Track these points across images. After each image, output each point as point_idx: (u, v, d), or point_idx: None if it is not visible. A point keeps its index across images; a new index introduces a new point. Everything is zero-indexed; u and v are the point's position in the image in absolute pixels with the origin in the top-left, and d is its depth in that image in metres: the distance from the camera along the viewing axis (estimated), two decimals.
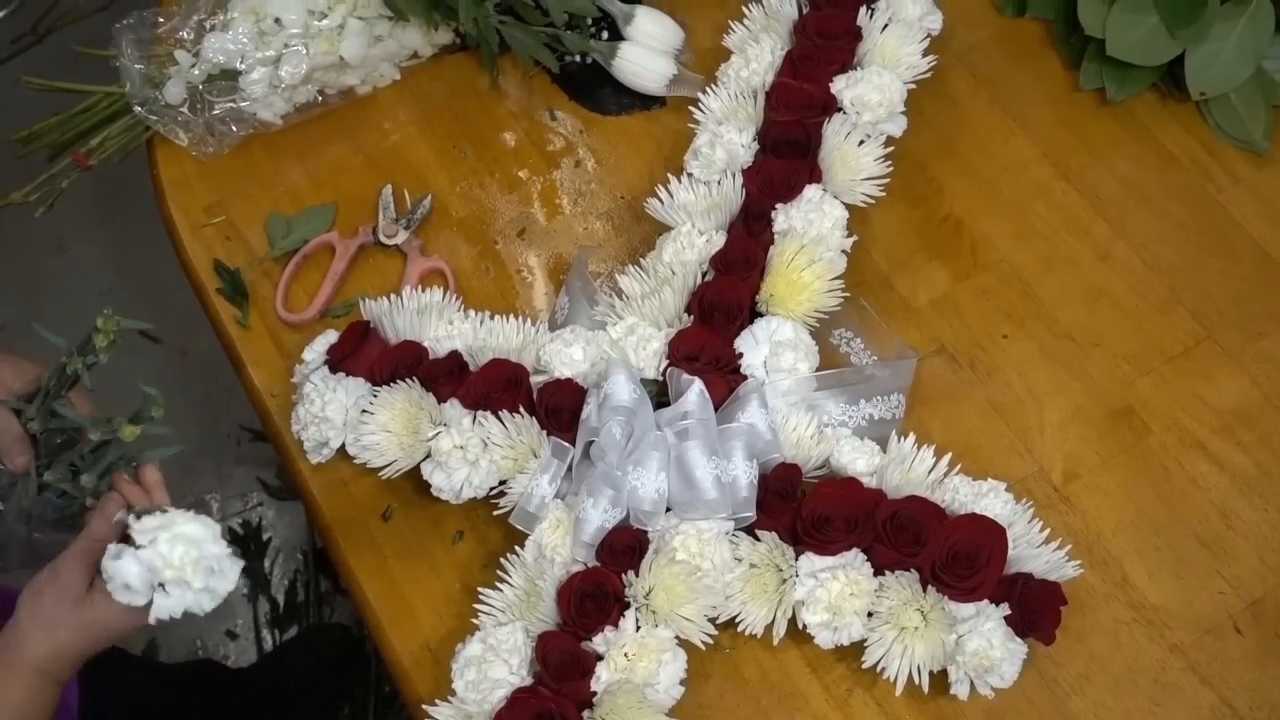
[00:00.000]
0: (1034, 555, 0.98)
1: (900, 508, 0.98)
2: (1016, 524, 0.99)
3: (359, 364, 1.09)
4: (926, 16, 1.24)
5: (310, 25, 1.22)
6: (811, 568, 0.97)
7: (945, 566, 0.95)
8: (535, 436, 1.03)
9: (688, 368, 1.04)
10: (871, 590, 0.96)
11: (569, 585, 0.96)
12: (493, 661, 0.94)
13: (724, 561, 0.98)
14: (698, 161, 1.18)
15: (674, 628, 0.96)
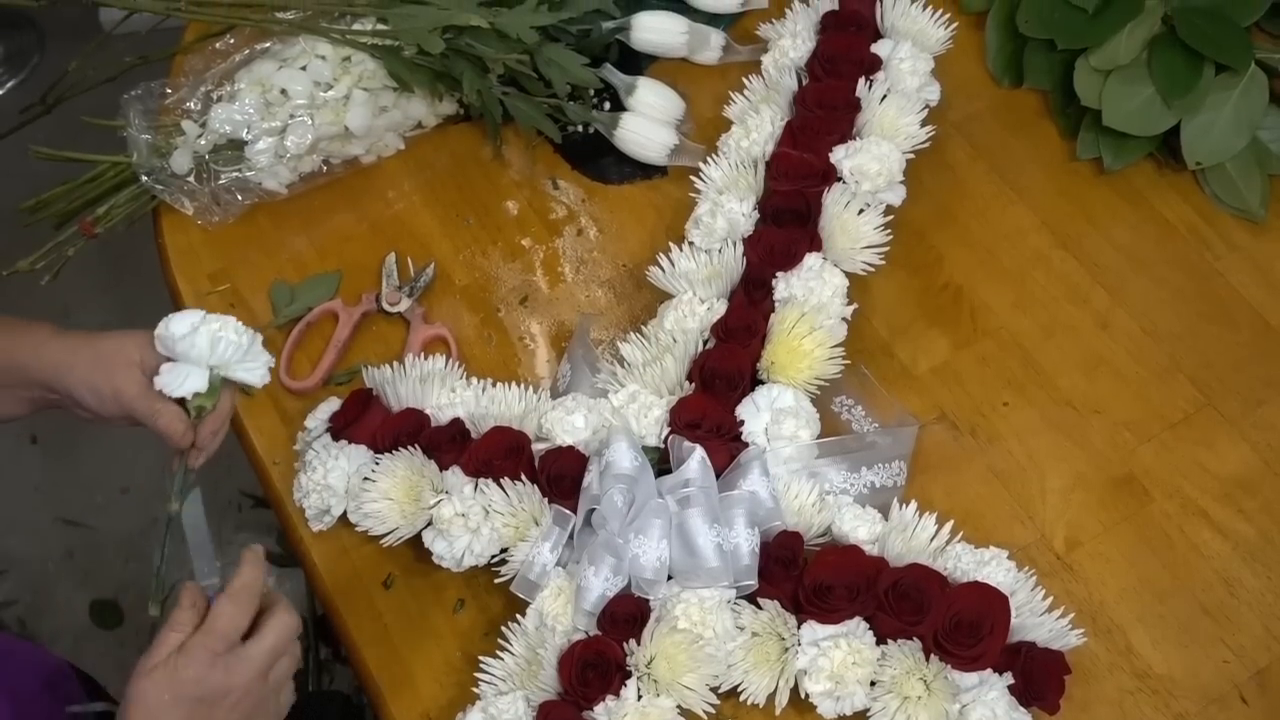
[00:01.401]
0: (1037, 624, 0.98)
1: (902, 576, 0.98)
2: (1019, 592, 0.99)
3: (361, 431, 1.09)
4: (924, 88, 1.25)
5: (316, 96, 1.23)
6: (814, 636, 0.97)
7: (948, 635, 0.94)
8: (537, 504, 1.03)
9: (689, 435, 1.04)
10: (874, 659, 0.96)
11: (570, 654, 0.96)
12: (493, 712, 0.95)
13: (726, 630, 0.98)
14: (699, 230, 1.18)
15: (675, 697, 0.95)
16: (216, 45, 1.30)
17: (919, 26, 1.29)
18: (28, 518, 2.13)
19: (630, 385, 1.10)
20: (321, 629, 1.94)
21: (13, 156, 1.41)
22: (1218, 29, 1.25)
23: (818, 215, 1.16)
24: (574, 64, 1.27)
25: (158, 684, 0.83)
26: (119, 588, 2.07)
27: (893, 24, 1.30)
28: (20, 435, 2.23)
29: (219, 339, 0.92)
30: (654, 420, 1.07)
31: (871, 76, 1.25)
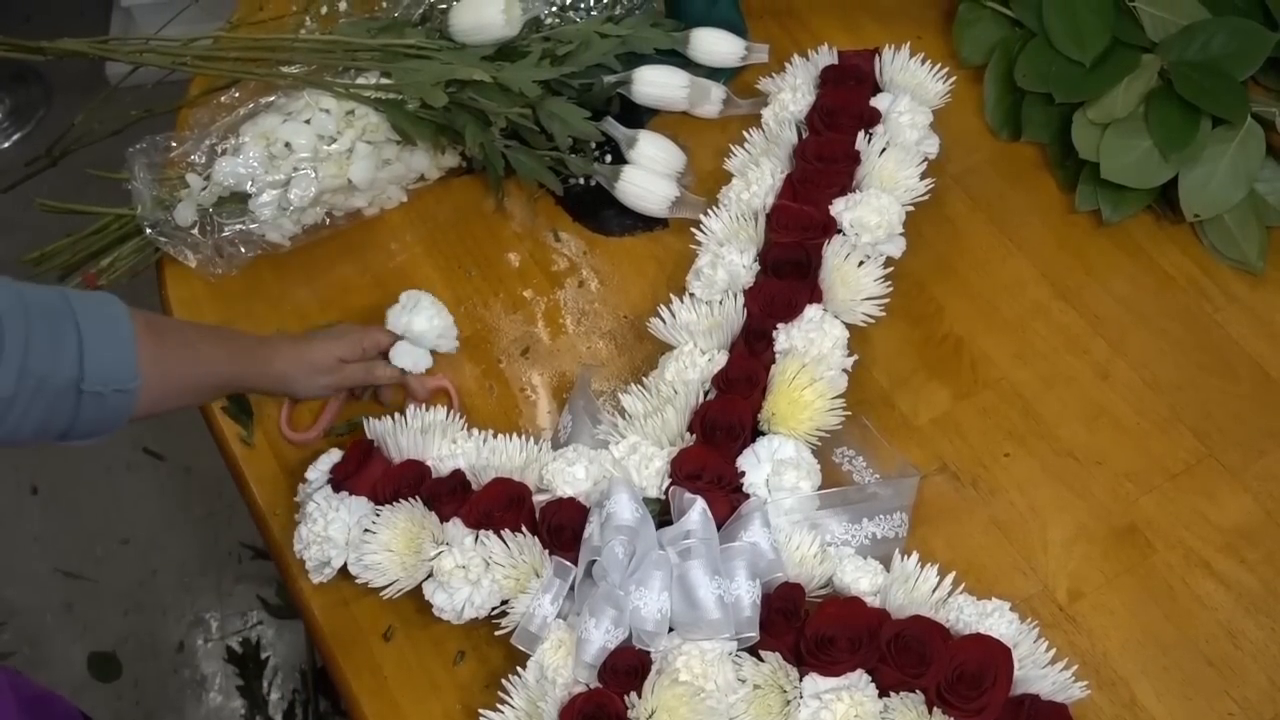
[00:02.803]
0: (1040, 676, 0.97)
1: (904, 628, 0.97)
2: (1022, 644, 0.98)
3: (362, 483, 1.09)
4: (924, 141, 1.26)
5: (319, 149, 1.24)
6: (816, 689, 0.96)
7: (950, 687, 0.94)
8: (537, 556, 1.03)
9: (690, 486, 1.04)
10: (877, 712, 0.95)
11: (571, 707, 0.95)
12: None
13: (728, 683, 0.97)
14: (700, 282, 1.19)
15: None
16: (221, 99, 1.31)
17: (918, 81, 1.31)
18: (27, 568, 2.12)
19: (631, 437, 1.10)
20: (320, 681, 1.93)
21: (18, 208, 1.42)
22: (1214, 83, 1.26)
23: (818, 267, 1.17)
24: (576, 117, 1.28)
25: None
26: (118, 640, 2.06)
27: (891, 78, 1.31)
28: (20, 485, 2.23)
29: (434, 324, 1.20)
30: (655, 471, 1.07)
31: (871, 130, 1.26)
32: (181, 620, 2.08)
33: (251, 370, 1.08)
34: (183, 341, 1.01)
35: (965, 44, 1.42)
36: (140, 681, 2.02)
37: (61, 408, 0.87)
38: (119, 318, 0.91)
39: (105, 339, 0.89)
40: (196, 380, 1.02)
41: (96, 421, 0.90)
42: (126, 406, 0.92)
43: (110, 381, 0.89)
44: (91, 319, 0.89)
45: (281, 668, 2.02)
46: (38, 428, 0.87)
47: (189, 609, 2.09)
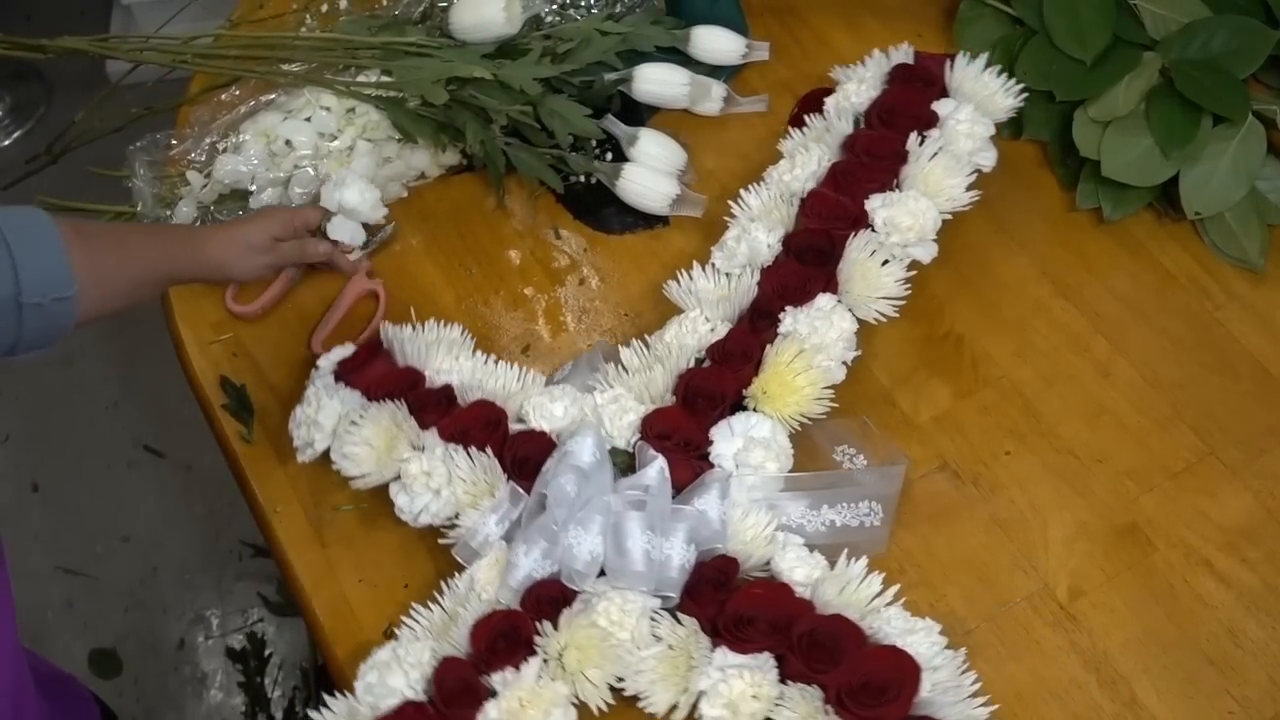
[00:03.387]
0: (950, 704, 0.95)
1: (822, 624, 0.97)
2: (943, 669, 0.97)
3: (362, 379, 1.13)
4: (979, 153, 1.24)
5: (320, 147, 1.24)
6: (723, 661, 0.96)
7: (852, 692, 0.93)
8: (497, 478, 1.05)
9: (656, 445, 1.06)
10: (773, 696, 0.95)
11: (487, 621, 0.99)
12: (394, 670, 0.97)
13: (643, 636, 0.98)
14: (722, 253, 1.20)
15: (574, 686, 0.97)
16: (222, 97, 1.31)
17: (987, 92, 1.28)
18: (27, 566, 2.12)
19: (617, 388, 1.11)
20: (322, 678, 1.93)
21: None
22: (1215, 81, 1.26)
23: (840, 257, 1.17)
24: (576, 115, 1.28)
25: None
26: (118, 637, 2.06)
27: (959, 85, 1.29)
28: (21, 483, 2.23)
29: (365, 197, 1.24)
30: (628, 424, 1.08)
31: (926, 132, 1.24)
32: (182, 618, 2.08)
33: (187, 259, 1.13)
34: (113, 242, 1.04)
35: (966, 41, 1.41)
36: (141, 679, 2.03)
37: (3, 324, 0.90)
38: (45, 225, 0.93)
39: (36, 249, 0.91)
40: (134, 277, 1.05)
41: (41, 332, 0.93)
42: (68, 313, 0.94)
43: (48, 291, 0.91)
44: (19, 232, 0.90)
45: (283, 665, 2.02)
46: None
47: (190, 606, 2.09)
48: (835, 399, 1.16)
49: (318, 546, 1.10)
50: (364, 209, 1.24)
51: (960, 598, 1.07)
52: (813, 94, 1.39)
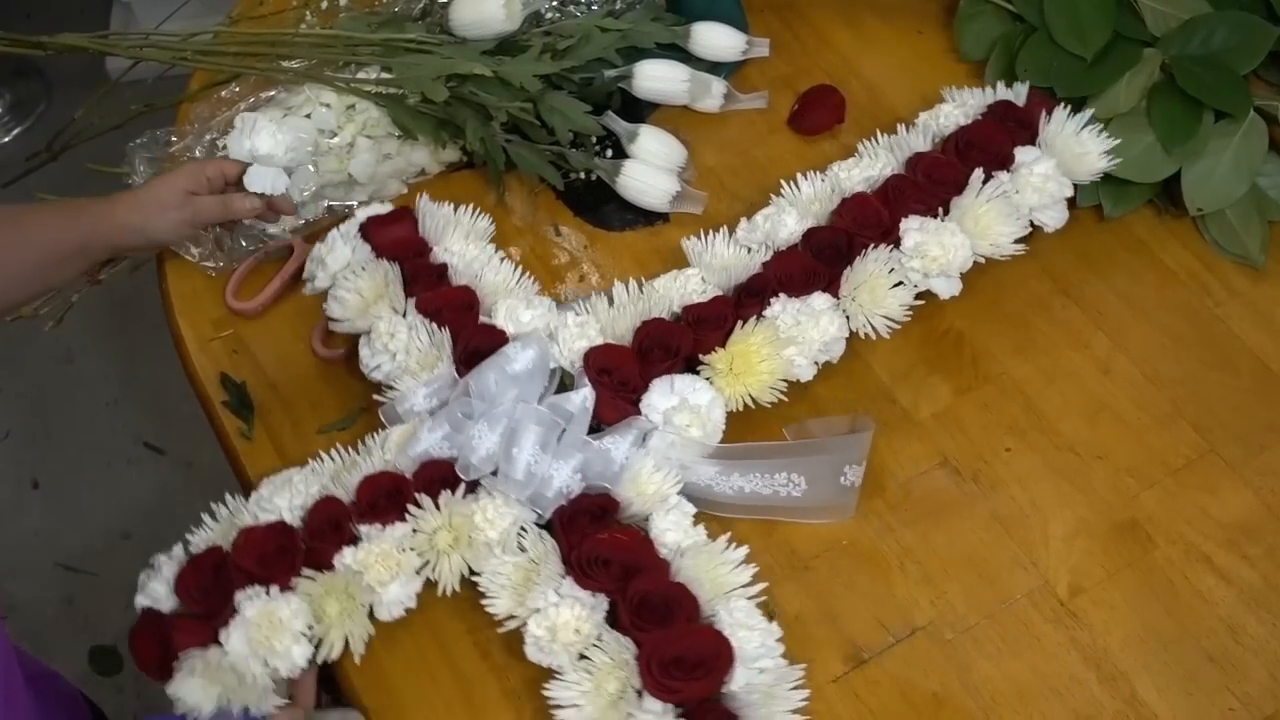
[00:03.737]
0: (757, 708, 0.95)
1: (663, 589, 0.99)
2: (767, 675, 0.97)
3: (379, 236, 1.19)
4: (1045, 209, 1.21)
5: (320, 143, 1.24)
6: (560, 589, 0.99)
7: (663, 660, 0.94)
8: (444, 357, 1.10)
9: (592, 376, 1.09)
10: (592, 636, 0.97)
11: (377, 478, 1.04)
12: (284, 492, 1.04)
13: (508, 542, 1.03)
14: (747, 225, 1.22)
15: (431, 564, 1.02)
16: (222, 94, 1.31)
17: (1079, 150, 1.24)
18: (28, 563, 2.12)
19: (588, 315, 1.14)
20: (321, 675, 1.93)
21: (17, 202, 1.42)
22: (1216, 77, 1.26)
23: (852, 262, 1.16)
24: (576, 111, 1.28)
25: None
26: (119, 634, 2.05)
27: (1050, 139, 1.25)
28: (21, 480, 2.23)
29: (279, 139, 1.18)
30: (578, 350, 1.12)
31: (996, 172, 1.21)
32: None
33: (96, 228, 1.08)
34: (8, 224, 1.01)
35: (966, 38, 1.42)
36: (141, 676, 2.02)
37: None
38: None
39: None
40: (38, 258, 1.02)
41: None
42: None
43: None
44: None
45: None
46: None
47: None
48: (834, 395, 1.16)
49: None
50: (281, 153, 1.19)
51: (961, 594, 1.07)
52: (814, 90, 1.39)
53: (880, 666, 1.03)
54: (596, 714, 0.95)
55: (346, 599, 1.00)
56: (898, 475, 1.13)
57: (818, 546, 1.09)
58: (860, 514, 1.11)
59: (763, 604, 1.04)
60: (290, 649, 0.97)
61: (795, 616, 1.05)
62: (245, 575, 1.00)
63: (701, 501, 1.09)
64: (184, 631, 0.99)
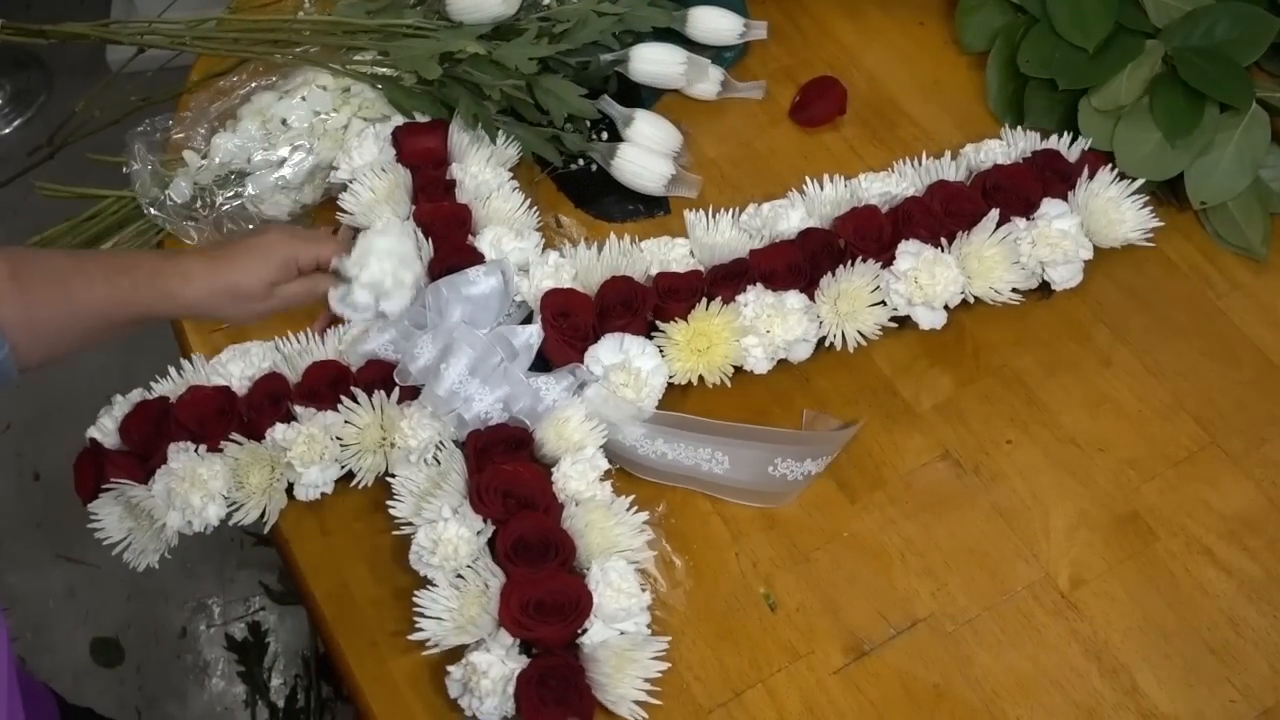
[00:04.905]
0: (608, 662, 0.97)
1: (545, 530, 1.01)
2: (627, 637, 0.99)
3: (409, 144, 1.24)
4: (1058, 266, 1.18)
5: (316, 126, 1.24)
6: (457, 506, 1.03)
7: (525, 598, 0.97)
8: (419, 268, 1.10)
9: (546, 317, 1.12)
10: (470, 555, 1.01)
11: (324, 365, 1.11)
12: (238, 361, 1.13)
13: (424, 452, 1.07)
14: (754, 210, 1.23)
15: (354, 458, 1.07)
16: (221, 84, 1.31)
17: (1114, 215, 1.21)
18: (29, 554, 2.12)
19: (568, 259, 1.17)
20: (323, 667, 1.93)
21: (19, 194, 1.42)
22: (1218, 68, 1.25)
23: (834, 269, 1.15)
24: (572, 94, 1.28)
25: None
26: (120, 626, 2.06)
27: (1085, 199, 1.22)
28: (23, 472, 2.23)
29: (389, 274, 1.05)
30: (541, 289, 1.14)
31: (1016, 217, 1.20)
32: (184, 606, 2.08)
33: (155, 302, 0.93)
34: (59, 292, 0.88)
35: (968, 30, 1.41)
36: (143, 667, 2.02)
37: None
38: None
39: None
40: (80, 325, 0.90)
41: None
42: (4, 371, 0.88)
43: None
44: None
45: (284, 653, 2.02)
46: None
47: (191, 595, 2.09)
48: (835, 387, 1.16)
49: (319, 535, 1.10)
50: (403, 304, 1.06)
51: (962, 586, 1.06)
52: (815, 82, 1.38)
53: (881, 658, 1.03)
54: (453, 630, 0.99)
55: (270, 473, 1.07)
56: (899, 467, 1.13)
57: (819, 538, 1.09)
58: (862, 506, 1.11)
59: (764, 594, 1.05)
60: (206, 507, 1.05)
61: (796, 608, 1.05)
62: (182, 429, 1.08)
63: (625, 461, 1.11)
64: (116, 465, 1.08)
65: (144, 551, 1.08)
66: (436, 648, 1.00)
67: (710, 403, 1.14)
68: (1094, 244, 1.20)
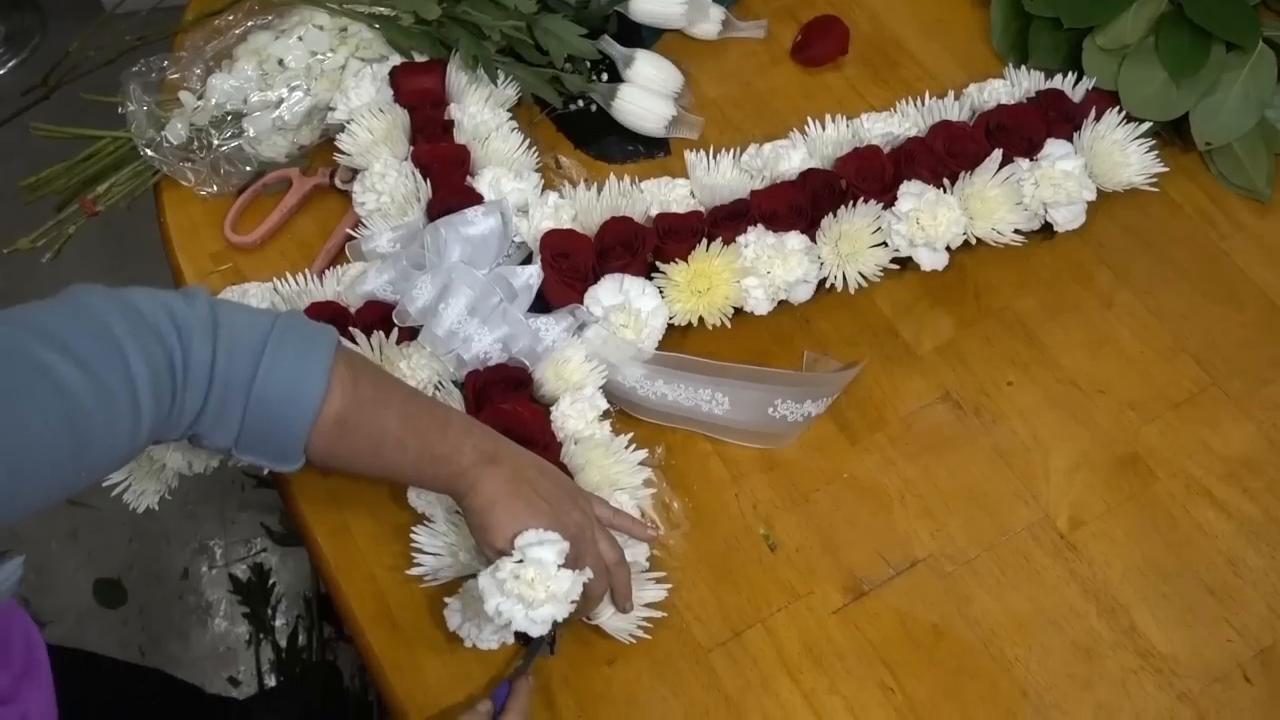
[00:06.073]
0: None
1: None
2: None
3: (406, 84, 1.23)
4: (1060, 208, 1.18)
5: (313, 66, 1.23)
6: None
7: None
8: (418, 207, 1.15)
9: (546, 258, 1.11)
10: None
11: (323, 305, 1.11)
12: (248, 295, 1.12)
13: (424, 392, 1.06)
14: (754, 150, 1.22)
15: None
16: (216, 22, 1.29)
17: (1119, 160, 1.21)
18: None
19: (569, 201, 1.17)
20: (324, 607, 1.95)
21: (14, 136, 1.41)
22: (1225, 7, 1.24)
23: (835, 210, 1.15)
24: (572, 34, 1.27)
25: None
26: (122, 567, 2.07)
27: (1090, 140, 1.21)
28: None
29: None
30: (540, 229, 1.14)
31: (1020, 158, 1.19)
32: (185, 548, 2.09)
33: (438, 489, 0.94)
34: (373, 438, 0.89)
35: None
36: (146, 608, 2.04)
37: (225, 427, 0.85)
38: (311, 398, 0.85)
39: (290, 419, 0.86)
40: (366, 475, 0.99)
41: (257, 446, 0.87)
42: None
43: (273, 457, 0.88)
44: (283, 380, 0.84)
45: (286, 594, 2.03)
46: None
47: (193, 536, 2.10)
48: (836, 329, 1.16)
49: (318, 477, 1.10)
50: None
51: (961, 527, 1.07)
52: (817, 21, 1.37)
53: (880, 598, 1.03)
54: (449, 563, 0.99)
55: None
56: (899, 409, 1.13)
57: (819, 480, 1.09)
58: (862, 447, 1.11)
59: (764, 535, 1.05)
60: None
61: (796, 549, 1.05)
62: None
63: (625, 402, 1.11)
64: None
65: (144, 493, 1.08)
66: (435, 582, 1.01)
67: (710, 344, 1.13)
68: (1097, 186, 1.20)
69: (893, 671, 1.00)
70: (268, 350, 0.84)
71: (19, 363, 0.71)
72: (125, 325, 0.77)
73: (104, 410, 0.74)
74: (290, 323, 0.87)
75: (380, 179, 1.18)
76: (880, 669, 1.00)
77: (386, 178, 1.17)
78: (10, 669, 0.93)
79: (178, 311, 0.81)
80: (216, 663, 1.99)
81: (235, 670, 1.97)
